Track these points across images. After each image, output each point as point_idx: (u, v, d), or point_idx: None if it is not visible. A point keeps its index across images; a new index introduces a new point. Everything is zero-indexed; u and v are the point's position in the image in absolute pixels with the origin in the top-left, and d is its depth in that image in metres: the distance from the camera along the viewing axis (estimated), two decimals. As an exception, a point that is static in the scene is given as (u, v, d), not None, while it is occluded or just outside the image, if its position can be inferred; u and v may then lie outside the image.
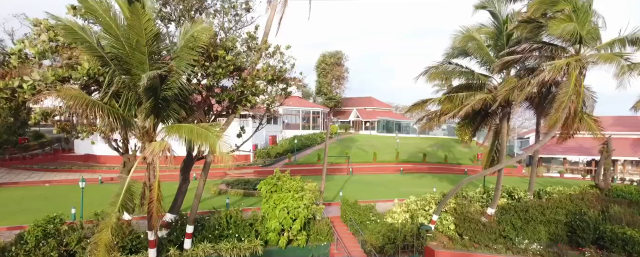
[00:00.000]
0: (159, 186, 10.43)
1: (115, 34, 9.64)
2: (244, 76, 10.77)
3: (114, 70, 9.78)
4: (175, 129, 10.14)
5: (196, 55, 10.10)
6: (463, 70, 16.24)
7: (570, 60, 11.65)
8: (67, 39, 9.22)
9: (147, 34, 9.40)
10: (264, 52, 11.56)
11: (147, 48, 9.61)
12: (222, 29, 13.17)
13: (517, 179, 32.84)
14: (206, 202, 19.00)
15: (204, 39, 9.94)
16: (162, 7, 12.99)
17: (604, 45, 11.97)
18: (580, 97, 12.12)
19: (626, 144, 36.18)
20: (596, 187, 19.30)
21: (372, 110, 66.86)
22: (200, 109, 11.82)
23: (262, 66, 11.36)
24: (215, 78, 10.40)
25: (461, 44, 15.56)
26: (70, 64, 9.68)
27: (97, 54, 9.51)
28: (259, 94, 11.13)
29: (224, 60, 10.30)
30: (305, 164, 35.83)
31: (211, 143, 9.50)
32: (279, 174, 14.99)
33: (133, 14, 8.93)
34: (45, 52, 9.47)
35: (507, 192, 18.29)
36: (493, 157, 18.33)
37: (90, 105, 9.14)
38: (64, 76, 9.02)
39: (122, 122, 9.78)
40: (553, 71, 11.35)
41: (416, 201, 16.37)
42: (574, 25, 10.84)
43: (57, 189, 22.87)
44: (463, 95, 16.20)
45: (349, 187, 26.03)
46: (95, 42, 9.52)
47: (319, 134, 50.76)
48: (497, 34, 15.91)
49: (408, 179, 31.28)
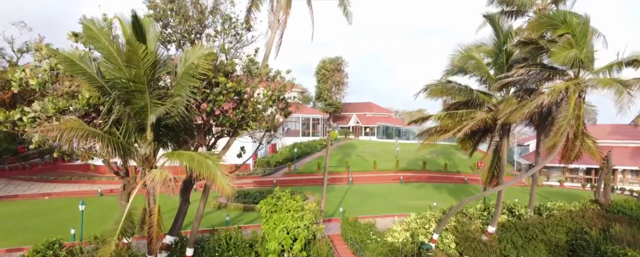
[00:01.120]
0: (159, 212, 10.43)
1: (116, 63, 9.64)
2: (244, 102, 10.77)
3: (114, 99, 9.78)
4: (176, 156, 10.15)
5: (197, 82, 10.11)
6: (462, 88, 16.26)
7: (569, 84, 11.67)
8: (67, 70, 9.22)
9: (146, 65, 9.40)
10: (264, 77, 11.57)
11: (147, 77, 9.62)
12: (222, 50, 13.17)
13: (517, 189, 32.81)
14: (206, 217, 18.95)
15: (205, 66, 9.95)
16: (162, 29, 13.01)
17: (603, 68, 12.01)
18: (579, 120, 12.13)
19: (626, 153, 36.18)
20: (596, 203, 19.32)
21: (372, 115, 66.92)
22: (200, 133, 11.82)
23: (263, 91, 11.36)
24: (215, 104, 10.40)
25: (460, 63, 15.59)
26: (71, 93, 9.67)
27: (98, 85, 9.52)
28: (259, 119, 11.13)
29: (225, 87, 10.31)
30: (305, 173, 35.81)
31: (212, 173, 9.50)
32: (278, 193, 14.97)
33: (132, 47, 8.94)
34: (46, 83, 9.46)
35: (507, 209, 18.28)
36: (493, 173, 18.34)
37: (90, 135, 9.16)
38: (64, 108, 9.01)
39: (122, 151, 9.78)
40: (552, 95, 11.37)
41: (416, 219, 16.35)
42: (575, 52, 10.87)
43: (56, 203, 22.83)
44: (463, 112, 16.21)
45: (349, 199, 26.01)
46: (96, 71, 9.53)
47: (319, 140, 50.77)
48: (497, 52, 15.93)
49: (408, 190, 31.25)
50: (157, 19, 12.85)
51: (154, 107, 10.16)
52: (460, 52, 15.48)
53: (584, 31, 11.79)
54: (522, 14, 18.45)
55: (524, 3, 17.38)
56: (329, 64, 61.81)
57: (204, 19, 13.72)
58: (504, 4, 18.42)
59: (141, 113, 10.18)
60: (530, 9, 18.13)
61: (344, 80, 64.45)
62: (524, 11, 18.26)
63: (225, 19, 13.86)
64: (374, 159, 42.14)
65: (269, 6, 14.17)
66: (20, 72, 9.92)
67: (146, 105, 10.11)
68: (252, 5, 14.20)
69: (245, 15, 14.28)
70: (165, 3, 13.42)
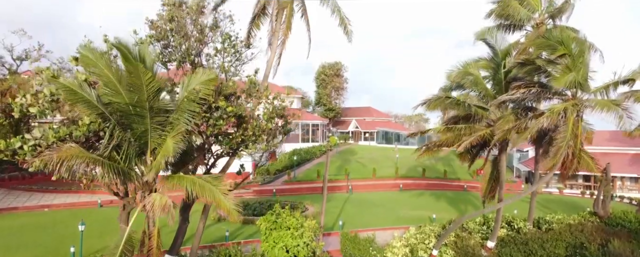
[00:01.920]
0: (158, 234, 10.48)
1: (116, 89, 9.69)
2: (244, 125, 10.83)
3: (115, 124, 9.83)
4: (177, 180, 10.19)
5: (197, 107, 10.18)
6: (460, 103, 16.36)
7: (568, 105, 11.76)
8: (67, 98, 9.28)
9: (149, 91, 9.48)
10: (265, 99, 11.64)
11: (149, 103, 9.69)
12: (222, 69, 13.23)
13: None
14: (205, 230, 18.95)
15: (206, 92, 10.03)
16: (162, 49, 13.08)
17: (600, 88, 12.11)
18: (578, 139, 12.20)
19: (625, 160, 36.26)
20: (595, 215, 19.37)
21: (371, 120, 67.04)
22: (200, 153, 11.86)
23: (263, 110, 11.42)
24: (215, 128, 10.46)
25: (457, 79, 15.69)
26: (71, 118, 9.72)
27: (98, 111, 9.58)
28: (259, 141, 11.19)
29: (225, 111, 10.38)
30: (305, 181, 35.85)
31: (216, 197, 9.55)
32: (278, 210, 15.01)
33: (133, 75, 9.01)
34: (46, 110, 9.52)
35: (506, 222, 18.33)
36: (492, 186, 18.41)
37: (91, 162, 9.21)
38: (64, 136, 9.05)
39: (122, 176, 9.83)
40: (551, 117, 11.45)
41: (416, 234, 16.39)
42: (573, 75, 10.96)
43: (56, 216, 22.82)
44: (461, 126, 16.31)
45: (348, 209, 26.04)
46: (96, 98, 9.59)
47: (319, 146, 50.80)
48: (494, 68, 16.03)
49: (407, 198, 31.29)
50: (158, 40, 12.92)
51: (154, 132, 10.24)
52: (458, 68, 15.57)
53: (581, 51, 11.89)
54: (519, 28, 18.58)
55: (521, 18, 17.50)
56: (328, 69, 61.98)
57: (204, 37, 13.81)
58: (502, 18, 18.54)
59: (142, 137, 10.26)
60: (527, 23, 18.25)
61: (343, 85, 64.66)
62: (522, 25, 18.38)
63: (225, 37, 13.94)
64: (373, 165, 42.22)
65: (269, 27, 14.26)
66: (21, 98, 9.96)
67: (147, 130, 10.19)
68: (253, 25, 14.28)
69: (246, 34, 14.35)
70: (165, 23, 13.51)
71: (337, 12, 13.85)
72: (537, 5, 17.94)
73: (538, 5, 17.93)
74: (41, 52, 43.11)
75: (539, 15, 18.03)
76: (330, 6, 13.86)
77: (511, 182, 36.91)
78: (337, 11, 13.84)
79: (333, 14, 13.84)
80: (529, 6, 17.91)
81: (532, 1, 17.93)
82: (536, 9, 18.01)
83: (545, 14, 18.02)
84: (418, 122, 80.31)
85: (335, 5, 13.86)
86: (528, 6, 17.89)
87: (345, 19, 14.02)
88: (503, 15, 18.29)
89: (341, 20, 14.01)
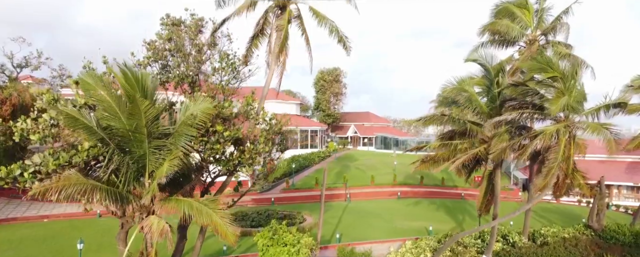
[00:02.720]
0: (156, 255, 10.69)
1: (116, 114, 9.89)
2: (241, 147, 11.03)
3: (114, 149, 10.02)
4: (174, 202, 10.37)
5: (195, 132, 10.36)
6: (455, 120, 16.58)
7: (560, 126, 11.97)
8: (67, 125, 9.46)
9: (147, 117, 9.67)
10: (262, 121, 11.84)
11: (147, 129, 9.88)
12: (220, 89, 13.38)
13: (514, 204, 33.09)
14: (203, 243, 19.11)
15: (203, 118, 10.22)
16: (160, 70, 13.28)
17: (591, 110, 12.33)
18: (570, 160, 12.41)
19: (621, 168, 36.49)
20: (590, 228, 19.56)
21: (370, 125, 67.27)
22: (197, 174, 12.04)
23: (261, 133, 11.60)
24: (212, 153, 10.66)
25: (451, 94, 15.91)
26: (71, 144, 9.91)
27: (98, 137, 9.77)
28: (256, 163, 11.37)
29: (222, 136, 10.57)
30: (303, 189, 35.99)
31: (213, 221, 9.75)
32: (275, 226, 15.17)
33: (132, 103, 9.20)
34: (47, 137, 9.70)
35: (501, 236, 18.50)
36: (488, 200, 18.61)
37: (89, 189, 9.41)
38: (64, 163, 9.24)
39: (120, 201, 10.01)
40: (544, 139, 11.66)
41: (411, 249, 16.57)
42: (567, 99, 11.19)
43: (55, 227, 22.95)
44: (457, 142, 16.53)
45: (346, 219, 26.19)
46: (96, 124, 9.78)
47: (317, 153, 51.00)
48: (488, 85, 16.26)
49: (404, 207, 31.47)
50: (156, 60, 13.13)
51: (152, 156, 10.43)
52: (452, 84, 15.80)
53: (572, 73, 12.12)
54: (512, 44, 18.84)
55: (514, 35, 17.76)
56: (327, 75, 62.23)
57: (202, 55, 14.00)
58: (496, 35, 18.80)
59: (140, 161, 10.45)
60: (520, 39, 18.50)
61: (342, 90, 64.91)
62: (515, 41, 18.64)
63: (223, 57, 14.15)
64: (371, 171, 42.40)
65: (267, 48, 14.47)
66: (22, 122, 10.15)
67: (145, 154, 10.38)
68: (252, 45, 14.48)
69: (244, 53, 14.53)
70: (163, 42, 13.72)
71: (335, 31, 14.07)
72: (529, 23, 18.20)
73: (530, 23, 18.18)
74: (41, 60, 43.31)
75: (532, 32, 18.28)
76: (328, 27, 14.08)
77: (508, 189, 37.12)
78: (335, 31, 14.07)
79: (332, 34, 14.04)
80: (522, 23, 18.18)
81: (525, 18, 18.19)
82: (529, 25, 18.27)
83: (537, 31, 18.28)
84: (417, 126, 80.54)
85: (333, 26, 14.09)
86: (520, 23, 18.15)
87: (344, 38, 14.25)
88: (496, 32, 18.55)
89: (340, 39, 14.22)
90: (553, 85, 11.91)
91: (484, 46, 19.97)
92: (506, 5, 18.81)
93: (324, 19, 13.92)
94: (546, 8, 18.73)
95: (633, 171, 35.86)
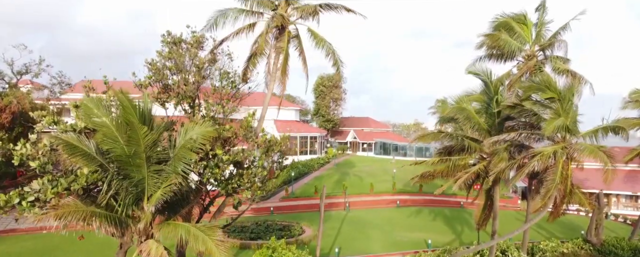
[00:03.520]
0: (155, 278, 10.66)
1: (115, 138, 9.94)
2: (240, 171, 11.07)
3: (113, 174, 10.05)
4: (172, 227, 10.39)
5: (194, 156, 10.40)
6: (454, 136, 16.64)
7: (557, 148, 12.03)
8: (66, 153, 9.50)
9: (146, 142, 9.71)
10: (261, 143, 11.88)
11: (146, 154, 9.91)
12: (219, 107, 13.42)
13: (513, 213, 33.14)
14: None
15: (203, 142, 10.26)
16: (160, 90, 13.32)
17: (589, 132, 12.39)
18: (568, 179, 12.45)
19: (620, 177, 36.48)
20: (588, 243, 19.59)
21: (370, 131, 67.32)
22: (196, 197, 12.06)
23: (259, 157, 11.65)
24: (211, 176, 10.69)
25: (451, 114, 15.97)
26: (71, 170, 9.94)
27: (97, 163, 9.80)
28: (255, 189, 11.40)
29: (221, 160, 10.61)
30: (303, 198, 35.97)
31: (208, 247, 9.77)
32: (273, 244, 15.19)
33: (131, 130, 9.24)
34: (46, 165, 9.73)
35: (500, 251, 18.51)
36: (486, 214, 18.64)
37: (88, 216, 9.43)
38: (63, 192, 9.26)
39: (119, 225, 10.03)
40: (542, 160, 11.72)
41: (410, 265, 16.58)
42: (562, 120, 11.26)
43: (55, 239, 22.85)
44: (456, 158, 16.59)
45: (345, 230, 26.19)
46: (95, 150, 9.82)
47: (317, 159, 51.05)
48: (487, 102, 16.32)
49: (404, 217, 31.46)
50: (157, 81, 13.17)
51: (151, 180, 10.46)
52: (451, 104, 15.86)
53: (569, 94, 12.18)
54: (511, 58, 18.91)
55: (512, 50, 17.83)
56: (327, 81, 62.32)
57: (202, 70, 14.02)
58: (494, 49, 18.88)
59: (139, 185, 10.47)
60: (519, 55, 18.58)
61: (342, 96, 65.02)
62: (513, 56, 18.71)
63: (223, 76, 14.21)
64: (371, 178, 42.42)
65: (266, 68, 14.55)
66: (21, 147, 10.17)
67: (144, 178, 10.41)
68: (250, 64, 14.53)
69: (242, 71, 14.59)
70: (164, 59, 13.77)
71: (331, 54, 14.13)
72: (527, 38, 18.28)
73: (528, 38, 18.27)
74: (42, 67, 43.40)
75: (530, 47, 18.36)
76: (325, 49, 14.15)
77: (507, 197, 37.13)
78: (331, 54, 14.13)
79: (328, 56, 14.11)
80: (520, 38, 18.25)
81: (523, 33, 18.28)
82: (527, 41, 18.35)
83: (535, 46, 18.36)
84: (416, 131, 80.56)
85: (330, 48, 14.16)
86: (519, 38, 18.23)
87: (339, 61, 14.32)
88: (494, 46, 18.62)
89: (335, 62, 14.30)
90: (550, 106, 11.98)
91: (482, 60, 20.02)
92: (506, 20, 18.88)
93: (321, 41, 13.98)
94: (545, 22, 18.80)
95: (632, 180, 35.89)
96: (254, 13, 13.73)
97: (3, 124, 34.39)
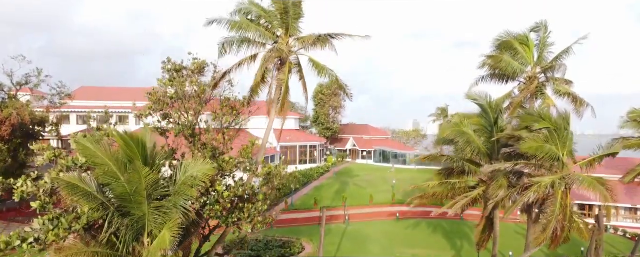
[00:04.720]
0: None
1: (116, 176, 9.98)
2: (239, 205, 11.10)
3: (114, 212, 10.07)
4: (173, 262, 10.43)
5: (194, 192, 10.42)
6: (454, 159, 16.70)
7: (555, 178, 12.09)
8: (67, 192, 9.53)
9: (147, 181, 9.74)
10: (261, 175, 11.91)
11: (146, 192, 9.95)
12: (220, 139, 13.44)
13: (512, 226, 33.12)
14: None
15: (203, 179, 10.29)
16: (159, 120, 13.36)
17: (586, 162, 12.45)
18: (567, 208, 12.50)
19: (619, 189, 36.53)
20: (588, 263, 19.55)
21: (369, 138, 67.36)
22: (196, 230, 12.08)
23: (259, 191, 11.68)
24: (211, 212, 10.72)
25: (451, 136, 16.04)
26: (71, 209, 9.96)
27: (98, 202, 9.83)
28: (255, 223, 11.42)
29: (221, 196, 10.64)
30: (302, 210, 35.94)
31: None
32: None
33: (133, 169, 9.28)
34: (47, 204, 9.77)
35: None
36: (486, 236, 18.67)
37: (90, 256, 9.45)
38: (64, 234, 9.29)
39: (120, 264, 10.04)
40: (539, 191, 11.77)
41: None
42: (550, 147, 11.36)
43: None
44: (455, 181, 16.65)
45: (345, 246, 26.18)
46: (96, 189, 9.86)
47: (317, 168, 51.06)
48: (486, 126, 16.39)
49: (403, 231, 31.47)
50: (158, 110, 13.21)
51: (151, 216, 10.49)
52: (451, 128, 15.91)
53: (565, 124, 12.25)
54: (512, 79, 19.01)
55: (514, 71, 17.94)
56: (327, 89, 62.40)
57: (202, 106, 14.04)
58: (496, 69, 18.98)
59: (139, 222, 10.49)
60: (520, 76, 18.68)
61: (341, 103, 65.06)
62: (515, 77, 18.82)
63: (224, 103, 14.25)
64: (370, 189, 42.46)
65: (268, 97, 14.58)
66: (22, 184, 10.20)
67: (144, 215, 10.43)
68: (253, 93, 14.60)
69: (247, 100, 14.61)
70: (165, 86, 13.81)
71: (335, 80, 14.21)
72: (529, 60, 18.38)
73: (530, 60, 18.37)
74: (41, 78, 43.37)
75: (532, 69, 18.46)
76: (328, 77, 14.25)
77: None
78: (335, 79, 14.21)
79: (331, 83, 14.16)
80: (522, 60, 18.36)
81: (526, 55, 18.38)
82: (529, 62, 18.45)
83: (537, 68, 18.46)
84: (416, 137, 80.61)
85: (333, 75, 14.24)
86: (521, 60, 18.33)
87: (344, 86, 14.39)
88: (496, 67, 18.72)
89: (340, 86, 14.38)
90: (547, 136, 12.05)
91: (484, 79, 20.14)
92: (509, 40, 18.99)
93: (323, 70, 14.09)
94: (547, 45, 18.90)
95: (631, 192, 35.93)
96: (256, 44, 13.82)
97: (2, 137, 34.34)
